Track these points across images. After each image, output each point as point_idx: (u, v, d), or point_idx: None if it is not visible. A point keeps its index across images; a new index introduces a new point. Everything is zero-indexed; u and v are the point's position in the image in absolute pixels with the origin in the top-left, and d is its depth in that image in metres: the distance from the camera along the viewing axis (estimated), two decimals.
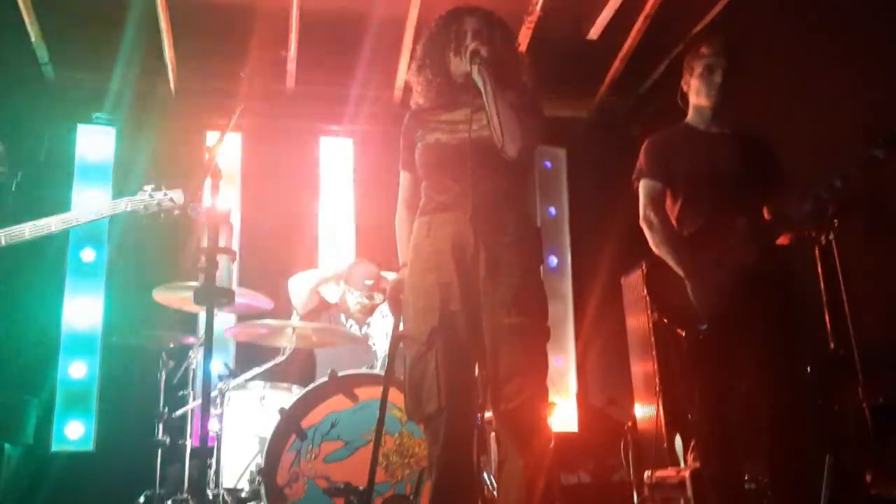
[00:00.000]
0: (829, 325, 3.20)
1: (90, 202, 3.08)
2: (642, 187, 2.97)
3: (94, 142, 5.38)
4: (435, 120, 2.42)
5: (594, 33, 5.23)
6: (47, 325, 4.98)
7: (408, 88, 5.59)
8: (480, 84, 2.26)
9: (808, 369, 3.21)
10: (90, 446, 4.91)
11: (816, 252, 3.24)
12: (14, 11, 4.66)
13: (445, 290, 2.24)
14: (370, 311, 3.97)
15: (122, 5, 4.70)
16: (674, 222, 2.94)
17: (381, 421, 2.39)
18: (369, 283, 3.94)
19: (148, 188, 3.04)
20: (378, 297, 3.97)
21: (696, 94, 2.92)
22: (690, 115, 2.98)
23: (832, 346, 3.20)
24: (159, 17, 4.74)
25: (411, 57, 2.64)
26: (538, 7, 4.81)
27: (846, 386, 3.17)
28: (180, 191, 3.01)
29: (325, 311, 4.09)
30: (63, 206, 5.18)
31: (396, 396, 2.91)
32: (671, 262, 2.81)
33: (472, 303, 2.22)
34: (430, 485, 2.27)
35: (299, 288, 3.98)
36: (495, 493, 3.09)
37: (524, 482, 2.16)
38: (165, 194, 3.02)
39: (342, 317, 4.07)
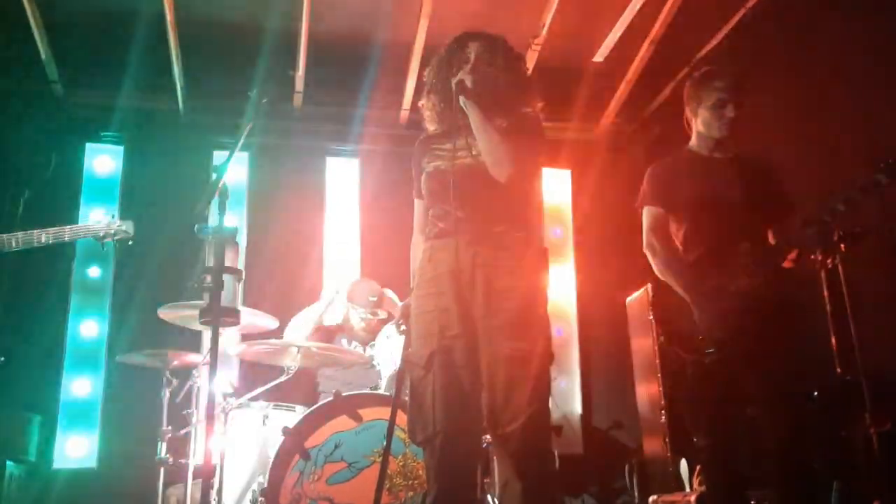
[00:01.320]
0: (835, 350, 3.19)
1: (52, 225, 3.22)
2: (645, 214, 2.98)
3: (102, 160, 5.42)
4: (438, 148, 2.46)
5: (600, 56, 5.27)
6: (52, 342, 4.99)
7: (414, 109, 5.66)
8: (469, 113, 2.31)
9: (815, 395, 3.20)
10: (93, 464, 4.90)
11: (822, 276, 3.23)
12: (25, 29, 4.71)
13: (444, 315, 2.26)
14: (375, 329, 3.97)
15: (132, 24, 4.75)
16: (679, 247, 2.95)
17: (388, 443, 2.39)
18: (373, 299, 3.97)
19: (103, 218, 3.16)
20: (382, 313, 3.98)
21: (706, 126, 2.90)
22: (694, 141, 2.99)
23: (839, 371, 3.18)
24: (168, 36, 4.79)
25: (420, 79, 2.67)
26: (545, 30, 4.85)
27: (854, 412, 3.14)
28: (131, 222, 3.11)
29: (326, 340, 4.09)
30: (71, 219, 5.21)
31: (401, 418, 2.90)
32: (676, 287, 2.81)
33: (470, 328, 2.25)
34: None
35: (300, 327, 3.97)
36: None
37: None
38: (119, 224, 3.12)
39: (344, 341, 4.07)
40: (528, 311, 2.25)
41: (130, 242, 3.18)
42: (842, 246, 3.04)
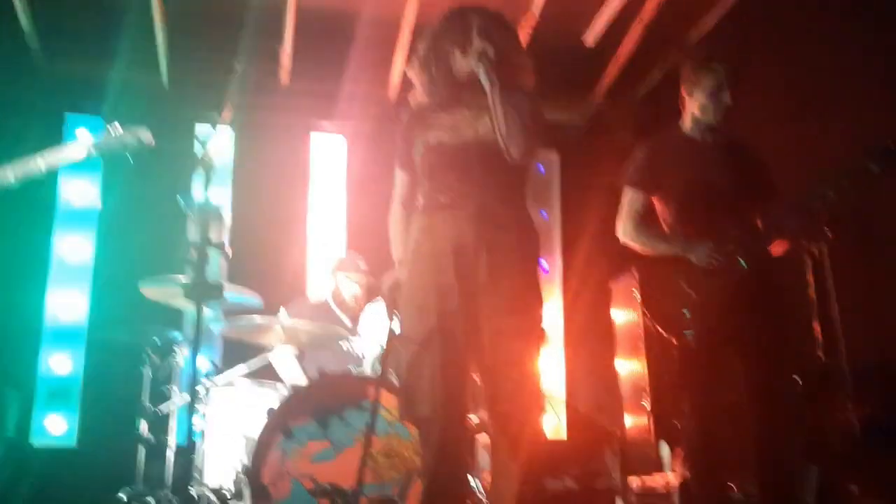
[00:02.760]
0: (819, 337, 3.21)
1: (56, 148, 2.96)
2: (625, 196, 2.98)
3: (83, 131, 5.32)
4: (436, 120, 2.39)
5: (591, 39, 5.24)
6: (30, 318, 4.92)
7: (402, 86, 5.59)
8: (487, 86, 2.23)
9: (798, 381, 3.22)
10: (73, 441, 4.86)
11: (808, 263, 3.24)
12: None
13: (444, 290, 2.22)
14: (364, 298, 4.06)
15: None
16: (665, 229, 2.94)
17: (372, 422, 2.37)
18: (363, 266, 4.11)
19: (111, 128, 2.94)
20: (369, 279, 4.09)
21: (702, 111, 2.88)
22: (687, 123, 2.97)
23: (822, 357, 3.21)
24: (153, 7, 4.70)
25: (410, 53, 2.62)
26: (536, 12, 4.80)
27: (835, 398, 3.17)
28: (146, 127, 2.92)
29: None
30: (51, 193, 5.14)
31: (385, 398, 2.88)
32: (668, 249, 2.82)
33: (471, 304, 2.21)
34: (419, 487, 2.25)
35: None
36: (484, 499, 3.08)
37: (517, 488, 2.16)
38: (132, 134, 2.92)
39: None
40: (528, 290, 2.25)
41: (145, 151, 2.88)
42: (828, 232, 3.06)
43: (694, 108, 2.91)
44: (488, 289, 2.21)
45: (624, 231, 2.96)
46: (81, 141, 2.84)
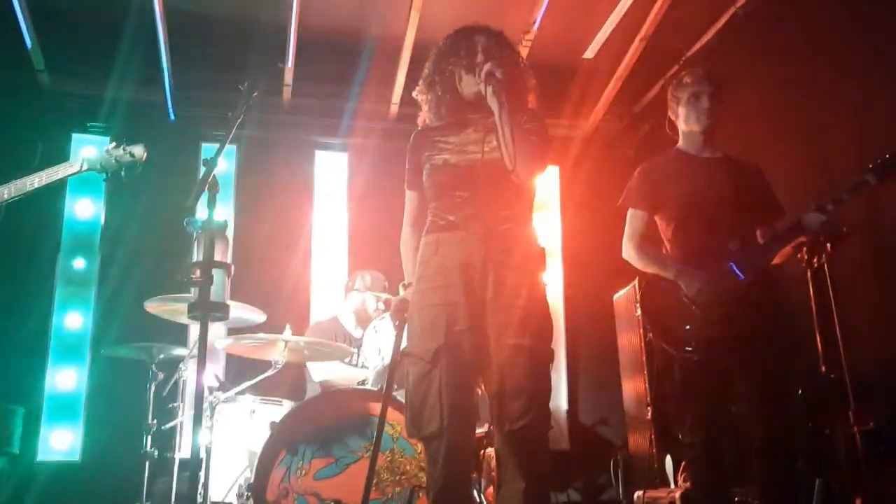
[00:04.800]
0: (820, 349, 3.22)
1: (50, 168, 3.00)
2: (628, 217, 3.02)
3: (89, 151, 5.33)
4: (443, 140, 2.41)
5: (590, 53, 5.27)
6: (36, 334, 4.94)
7: (404, 104, 5.64)
8: (495, 107, 2.25)
9: (800, 393, 3.22)
10: (77, 457, 4.86)
11: (809, 275, 3.26)
12: (12, 17, 4.65)
13: (452, 309, 2.23)
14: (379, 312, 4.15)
15: (121, 14, 4.70)
16: (667, 245, 2.96)
17: (378, 438, 2.38)
18: (386, 284, 4.22)
19: (108, 146, 2.98)
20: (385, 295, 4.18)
21: (686, 122, 2.95)
22: (682, 142, 3.01)
23: (823, 369, 3.21)
24: (157, 26, 4.74)
25: (413, 71, 2.65)
26: (535, 27, 4.84)
27: (837, 410, 3.17)
28: (140, 145, 2.96)
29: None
30: (56, 210, 5.18)
31: (389, 414, 2.90)
32: (663, 273, 2.84)
33: (479, 323, 2.23)
34: (423, 502, 2.26)
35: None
36: None
37: None
38: (125, 150, 2.96)
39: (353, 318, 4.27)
40: (536, 309, 2.26)
41: (139, 169, 2.91)
42: (828, 245, 3.08)
43: (681, 123, 2.98)
44: (496, 307, 2.22)
45: (626, 251, 3.01)
46: (75, 159, 2.89)
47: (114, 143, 3.00)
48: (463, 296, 2.23)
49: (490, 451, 3.36)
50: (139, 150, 2.92)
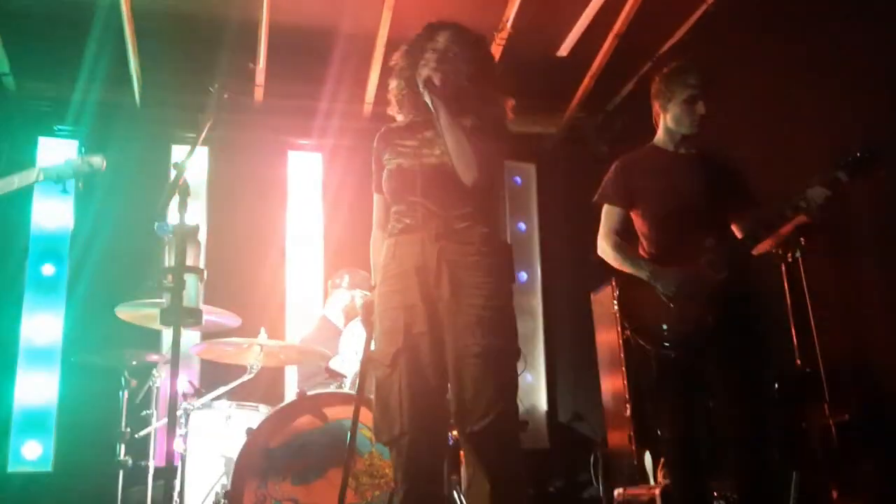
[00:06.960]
0: (795, 343, 3.25)
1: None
2: (603, 213, 3.00)
3: (56, 154, 5.25)
4: (401, 144, 2.41)
5: (564, 50, 5.27)
6: (4, 342, 4.84)
7: (378, 103, 5.59)
8: (434, 112, 2.27)
9: (775, 386, 3.25)
10: (48, 467, 4.76)
11: (783, 270, 3.28)
12: None
13: (410, 312, 2.23)
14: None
15: (87, 15, 4.61)
16: (643, 241, 2.96)
17: (352, 441, 2.36)
18: (372, 283, 4.16)
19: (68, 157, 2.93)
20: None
21: (676, 122, 2.90)
22: (660, 137, 2.99)
23: (798, 363, 3.24)
24: (124, 27, 4.66)
25: (384, 72, 2.63)
26: (509, 24, 4.83)
27: (812, 403, 3.20)
28: (100, 155, 2.91)
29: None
30: (24, 215, 5.07)
31: (367, 416, 2.86)
32: (637, 274, 2.84)
33: (437, 325, 2.22)
34: None
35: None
36: None
37: None
38: (83, 160, 2.91)
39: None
40: (495, 307, 2.23)
41: (97, 177, 2.87)
42: (802, 240, 3.10)
43: (668, 120, 2.93)
44: (452, 308, 2.21)
45: (601, 249, 2.98)
46: (33, 167, 2.84)
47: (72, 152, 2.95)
48: (419, 298, 2.23)
49: None
50: (98, 160, 2.87)
